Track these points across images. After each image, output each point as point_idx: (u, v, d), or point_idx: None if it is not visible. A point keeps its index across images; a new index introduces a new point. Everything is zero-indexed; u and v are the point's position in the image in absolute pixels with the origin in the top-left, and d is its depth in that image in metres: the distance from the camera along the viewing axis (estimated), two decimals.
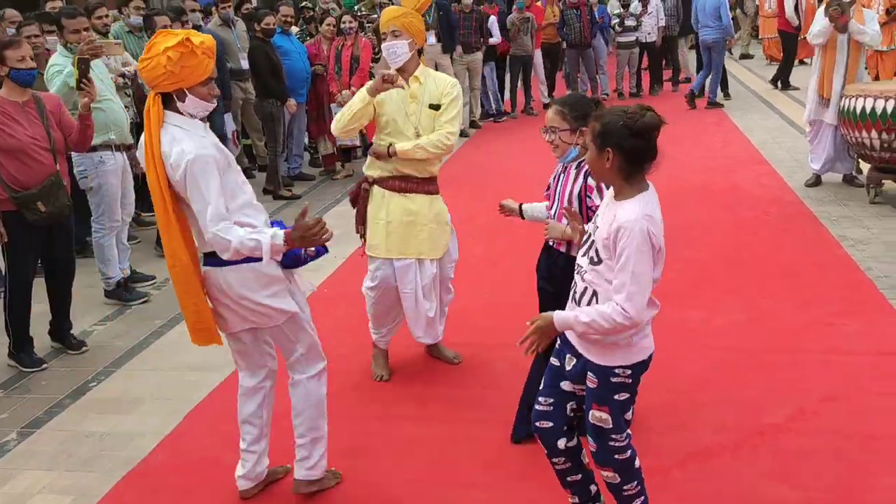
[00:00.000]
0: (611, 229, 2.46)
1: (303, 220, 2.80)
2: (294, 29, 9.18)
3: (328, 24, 8.88)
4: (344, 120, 3.87)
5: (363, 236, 4.10)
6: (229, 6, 8.68)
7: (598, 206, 2.89)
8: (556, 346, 2.78)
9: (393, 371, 4.26)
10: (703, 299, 4.92)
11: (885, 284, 4.97)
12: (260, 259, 2.81)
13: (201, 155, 2.77)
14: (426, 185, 4.01)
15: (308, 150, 9.81)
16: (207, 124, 3.01)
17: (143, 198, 7.14)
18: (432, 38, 10.63)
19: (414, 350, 4.42)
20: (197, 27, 7.92)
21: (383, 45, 3.94)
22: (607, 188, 2.71)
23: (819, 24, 6.85)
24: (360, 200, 4.04)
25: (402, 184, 3.97)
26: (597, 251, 2.53)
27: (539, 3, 12.49)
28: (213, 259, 2.91)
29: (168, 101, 2.85)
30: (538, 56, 12.54)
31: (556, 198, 3.27)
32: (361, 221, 4.05)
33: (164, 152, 2.80)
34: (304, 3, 10.75)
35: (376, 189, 4.01)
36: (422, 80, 3.96)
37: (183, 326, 4.94)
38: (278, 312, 2.99)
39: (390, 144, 3.89)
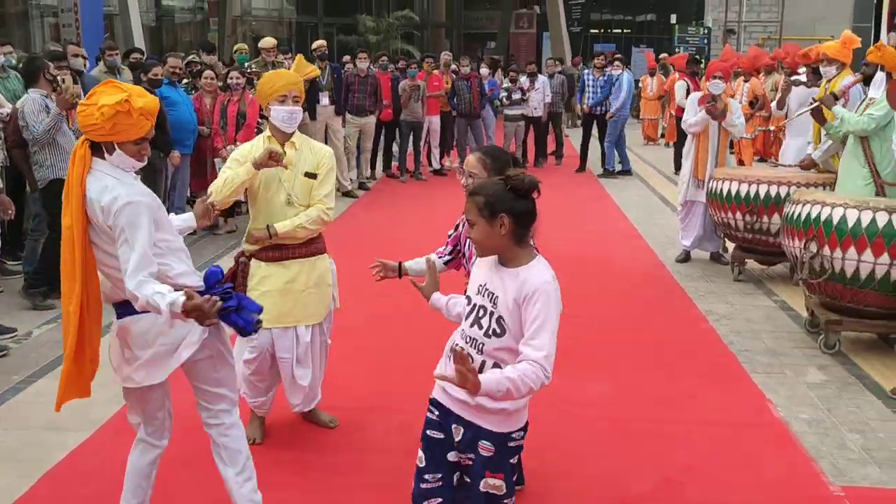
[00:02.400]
0: (520, 294, 2.48)
1: (194, 297, 2.68)
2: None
3: (206, 78, 8.83)
4: (225, 191, 3.73)
5: None
6: (116, 54, 8.51)
7: None
8: (434, 417, 2.73)
9: (267, 434, 4.15)
10: (573, 369, 4.99)
11: (745, 358, 5.24)
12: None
13: (134, 201, 2.76)
14: (304, 248, 3.93)
15: (190, 204, 9.60)
16: (139, 177, 2.98)
17: (8, 246, 6.80)
18: (325, 100, 10.74)
19: (289, 412, 4.33)
20: (78, 72, 7.72)
21: (287, 110, 3.81)
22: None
23: (697, 115, 7.33)
24: (238, 275, 3.90)
25: (277, 253, 3.88)
26: (499, 322, 2.54)
27: (421, 71, 12.77)
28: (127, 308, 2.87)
29: (97, 149, 2.84)
30: (436, 122, 12.83)
31: (464, 243, 3.32)
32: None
33: (90, 198, 2.78)
34: (191, 57, 10.66)
35: (253, 261, 3.92)
36: (297, 146, 3.90)
37: (43, 383, 4.74)
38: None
39: (268, 226, 3.81)
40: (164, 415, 3.13)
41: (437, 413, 2.72)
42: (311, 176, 3.88)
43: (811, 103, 6.50)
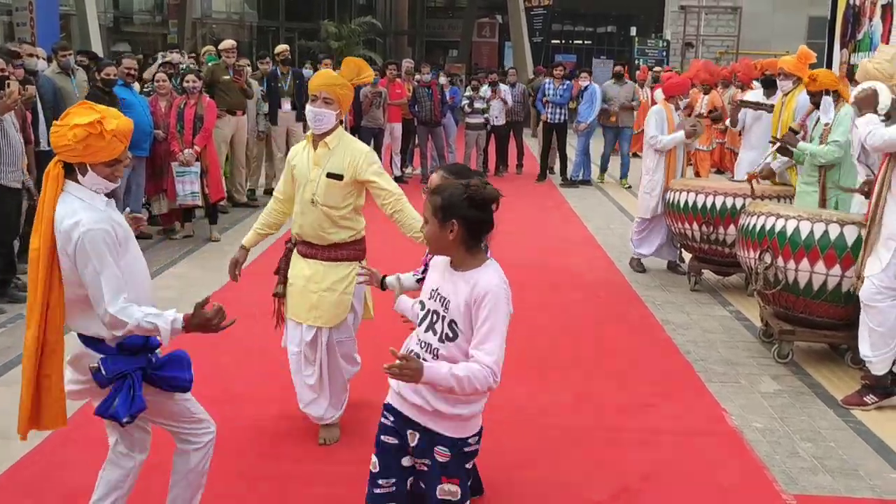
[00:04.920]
0: (471, 297, 2.50)
1: (202, 310, 2.75)
2: (136, 85, 8.91)
3: (159, 81, 8.69)
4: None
5: (277, 295, 4.10)
6: (69, 54, 8.36)
7: None
8: (388, 423, 2.73)
9: (216, 444, 4.03)
10: (529, 377, 5.02)
11: (700, 368, 5.29)
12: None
13: (95, 229, 2.68)
14: (327, 252, 3.96)
15: (146, 208, 9.44)
16: (112, 201, 2.89)
17: None
18: (287, 106, 10.67)
19: (236, 422, 4.25)
20: (33, 72, 7.56)
21: (311, 110, 3.81)
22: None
23: (672, 136, 7.37)
24: (282, 259, 4.07)
25: (305, 249, 3.99)
26: (451, 326, 2.54)
27: (383, 79, 12.71)
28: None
29: (70, 170, 2.77)
30: (398, 129, 12.79)
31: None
32: (282, 280, 4.08)
33: (57, 220, 2.71)
34: (167, 59, 10.53)
35: (294, 252, 4.06)
36: (330, 146, 3.86)
37: None
38: None
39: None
40: (139, 433, 3.07)
41: (391, 418, 2.72)
42: (335, 177, 3.85)
43: (771, 141, 6.52)
